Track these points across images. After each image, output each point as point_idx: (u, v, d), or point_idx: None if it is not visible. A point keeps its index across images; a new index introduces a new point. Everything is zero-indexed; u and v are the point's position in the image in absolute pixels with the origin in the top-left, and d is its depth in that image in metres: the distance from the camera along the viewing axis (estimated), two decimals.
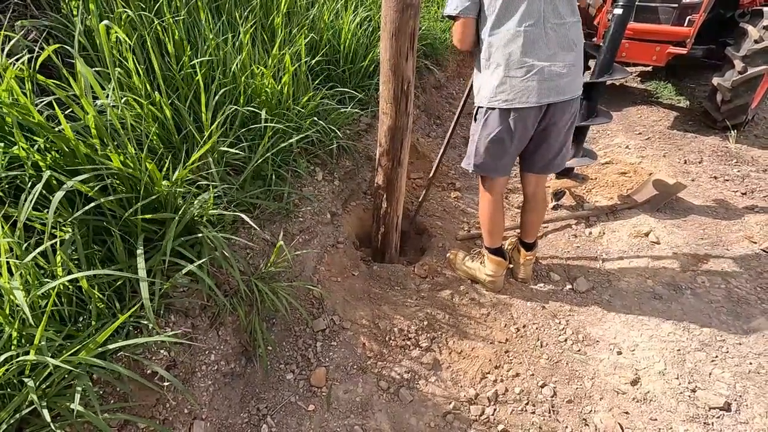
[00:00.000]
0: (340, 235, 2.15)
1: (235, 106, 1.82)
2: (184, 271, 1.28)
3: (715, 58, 3.59)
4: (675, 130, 3.74)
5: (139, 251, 1.18)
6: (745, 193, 2.84)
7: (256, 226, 1.48)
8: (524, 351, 1.85)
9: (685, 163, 3.23)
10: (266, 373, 1.59)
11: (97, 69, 1.52)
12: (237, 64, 1.92)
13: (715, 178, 3.03)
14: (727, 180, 2.99)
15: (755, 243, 2.37)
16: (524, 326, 1.96)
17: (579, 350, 1.87)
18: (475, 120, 1.82)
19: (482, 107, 1.75)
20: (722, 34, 3.62)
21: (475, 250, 2.31)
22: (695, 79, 4.58)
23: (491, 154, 1.82)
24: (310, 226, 2.00)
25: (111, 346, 1.06)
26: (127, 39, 1.53)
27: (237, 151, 1.69)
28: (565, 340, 1.91)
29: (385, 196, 2.09)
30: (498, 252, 2.05)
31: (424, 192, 2.25)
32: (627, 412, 1.62)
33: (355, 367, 1.67)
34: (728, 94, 3.28)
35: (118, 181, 1.30)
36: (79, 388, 0.99)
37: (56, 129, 1.24)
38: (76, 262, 1.20)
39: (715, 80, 3.36)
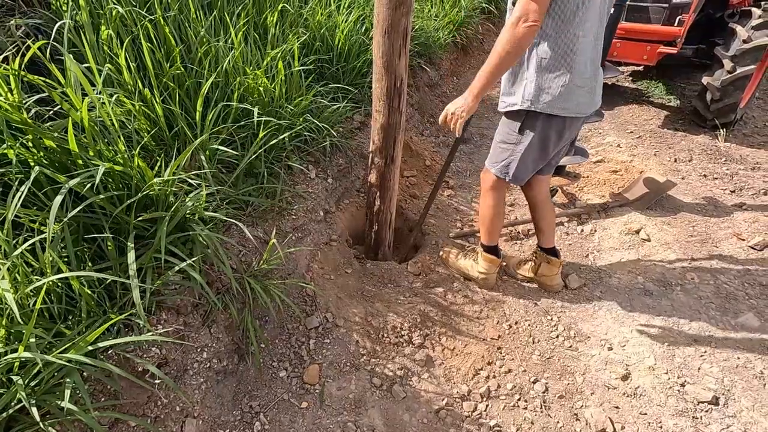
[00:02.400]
0: (334, 232, 2.15)
1: (229, 103, 1.81)
2: (175, 269, 1.28)
3: (705, 58, 3.64)
4: (665, 129, 3.78)
5: (131, 251, 1.17)
6: (733, 191, 2.87)
7: (245, 230, 1.47)
8: (516, 347, 1.86)
9: (676, 161, 3.26)
10: (259, 371, 1.59)
11: (87, 65, 1.51)
12: (229, 62, 1.91)
13: (705, 176, 3.06)
14: (716, 178, 3.03)
15: (743, 240, 2.41)
16: (516, 323, 1.97)
17: (570, 346, 1.89)
18: (523, 127, 1.65)
19: (538, 112, 1.58)
20: (712, 34, 3.66)
21: (468, 247, 2.32)
22: (685, 79, 4.62)
23: (535, 163, 1.74)
24: (303, 224, 2.00)
25: (101, 344, 1.06)
26: (113, 35, 1.52)
27: (229, 150, 1.68)
28: (557, 337, 1.92)
29: (378, 193, 2.09)
30: (493, 250, 2.06)
31: (426, 203, 2.22)
32: (617, 407, 1.64)
33: (348, 364, 1.68)
34: (717, 93, 3.32)
35: (108, 178, 1.29)
36: (69, 386, 0.99)
37: (46, 126, 1.23)
38: (65, 259, 1.19)
39: (705, 79, 3.40)
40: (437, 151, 3.29)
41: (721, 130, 3.54)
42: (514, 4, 1.44)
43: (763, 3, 3.37)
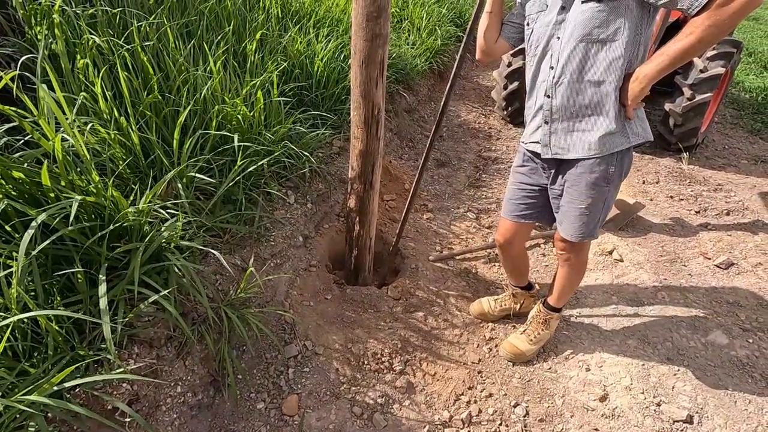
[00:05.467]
0: (313, 258, 2.14)
1: (207, 131, 1.81)
2: (149, 301, 1.25)
3: (667, 86, 3.85)
4: (634, 152, 3.94)
5: (102, 285, 1.14)
6: (698, 212, 3.01)
7: (222, 259, 1.46)
8: (497, 371, 1.87)
9: (644, 183, 3.40)
10: (236, 403, 1.54)
11: (64, 94, 1.50)
12: (209, 90, 1.93)
13: (671, 197, 3.20)
14: (682, 199, 3.17)
15: (709, 259, 2.51)
16: (497, 346, 1.98)
17: (549, 368, 1.90)
18: (614, 171, 1.45)
19: (631, 147, 1.45)
20: None
21: (527, 329, 1.99)
22: (651, 105, 4.86)
23: None
24: (282, 250, 1.99)
25: (68, 384, 1.02)
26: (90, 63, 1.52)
27: (206, 178, 1.68)
28: (536, 359, 1.94)
29: (357, 218, 2.10)
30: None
31: (400, 224, 2.24)
32: (596, 429, 1.65)
33: (328, 393, 1.65)
34: (679, 118, 3.51)
35: (80, 209, 1.27)
36: (32, 430, 0.94)
37: (15, 156, 1.21)
38: (33, 293, 1.15)
39: (667, 106, 3.59)
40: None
41: (684, 153, 3.72)
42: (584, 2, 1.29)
43: None
